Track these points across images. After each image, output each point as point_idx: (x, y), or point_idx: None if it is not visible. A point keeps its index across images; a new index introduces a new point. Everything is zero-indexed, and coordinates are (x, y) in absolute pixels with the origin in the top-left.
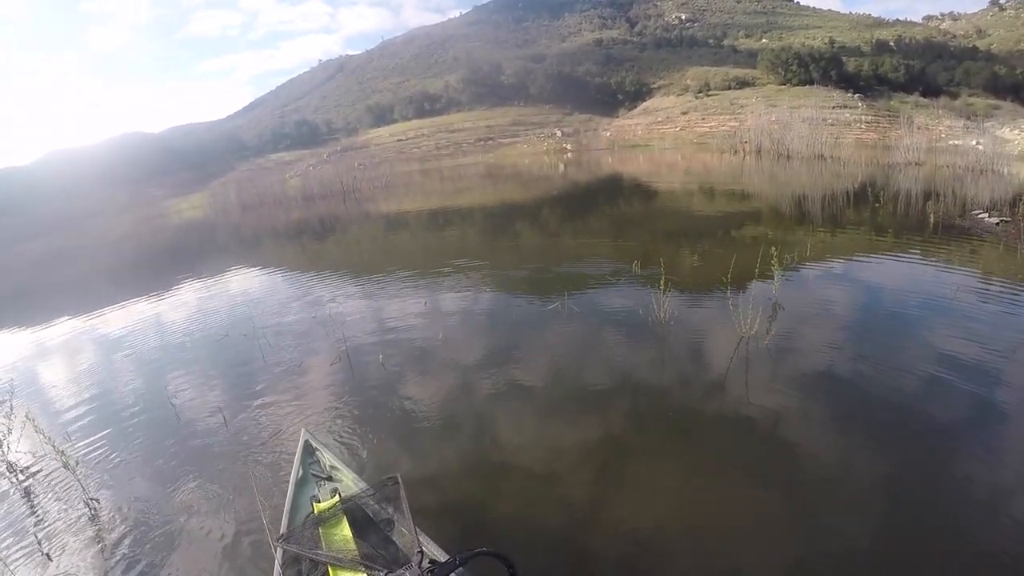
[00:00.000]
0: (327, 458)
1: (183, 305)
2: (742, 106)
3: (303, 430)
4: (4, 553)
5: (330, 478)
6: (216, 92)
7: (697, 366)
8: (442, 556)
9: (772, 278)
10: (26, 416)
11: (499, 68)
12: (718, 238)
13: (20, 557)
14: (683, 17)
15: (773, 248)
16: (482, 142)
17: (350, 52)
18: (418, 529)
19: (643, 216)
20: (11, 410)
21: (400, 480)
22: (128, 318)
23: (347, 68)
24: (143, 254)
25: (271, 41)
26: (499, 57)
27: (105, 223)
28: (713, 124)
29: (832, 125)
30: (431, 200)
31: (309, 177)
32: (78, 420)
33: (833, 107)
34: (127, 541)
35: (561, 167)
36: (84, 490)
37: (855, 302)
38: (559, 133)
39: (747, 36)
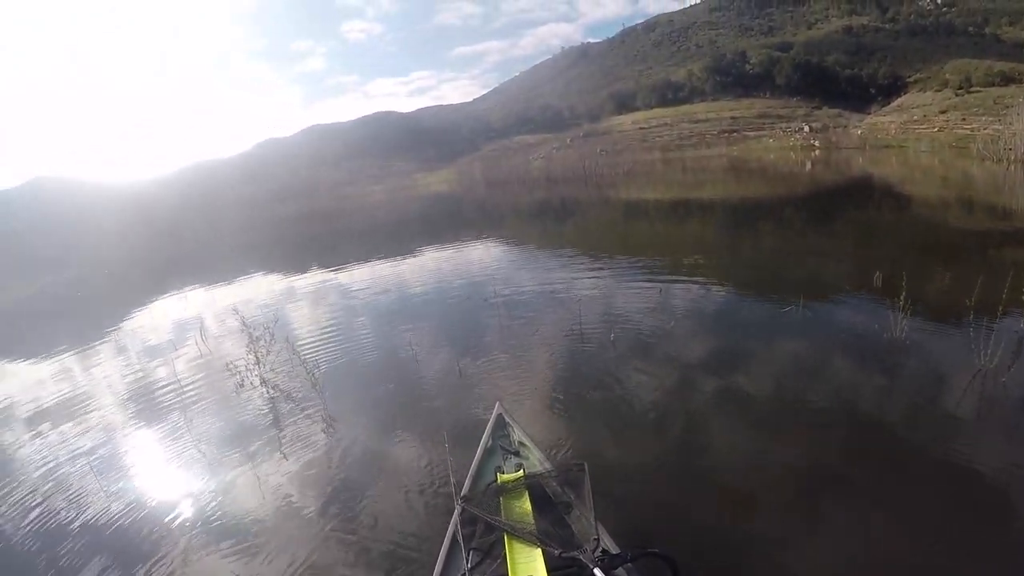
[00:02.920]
0: (517, 434)
1: (429, 266)
2: (1007, 106)
3: (498, 403)
4: (250, 447)
5: (517, 453)
6: (461, 79)
7: (925, 396)
8: (614, 548)
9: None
10: (285, 340)
11: (743, 57)
12: (968, 257)
13: (263, 453)
14: (939, 1)
15: None
16: (726, 134)
17: (590, 40)
18: (597, 519)
19: (891, 226)
20: (272, 336)
21: (587, 468)
22: (377, 273)
23: (589, 55)
24: (394, 219)
25: (513, 30)
26: (743, 45)
27: (358, 190)
28: (975, 126)
29: None
30: (672, 191)
31: (552, 160)
32: (327, 352)
33: None
34: (345, 458)
35: (808, 165)
36: (324, 408)
37: None
38: (807, 128)
39: (1011, 24)
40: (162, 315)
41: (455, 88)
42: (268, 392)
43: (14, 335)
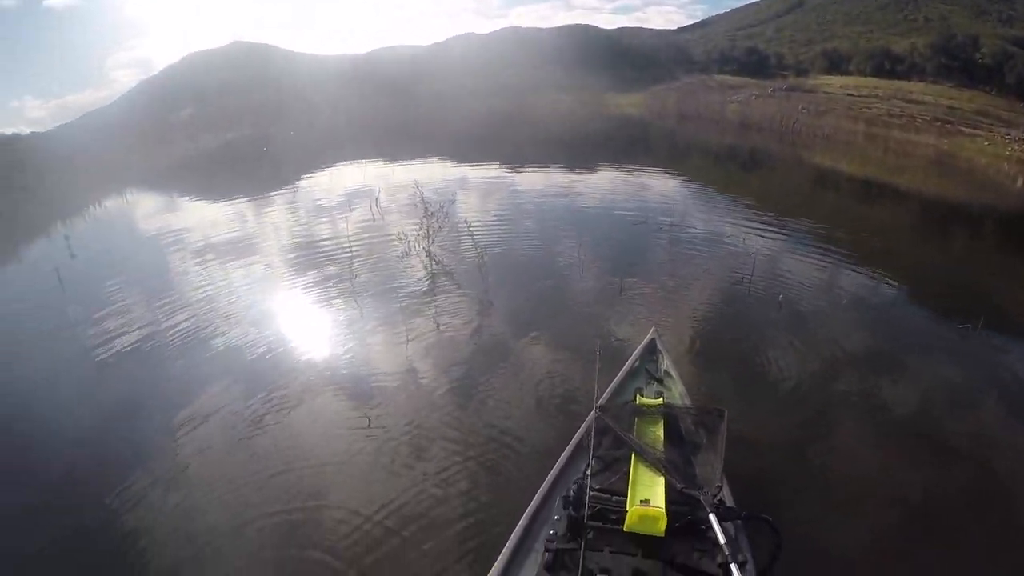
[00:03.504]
0: (665, 363)
1: (605, 184)
2: None
3: (653, 328)
4: (402, 310)
5: (660, 381)
6: (667, 5)
7: None
8: (730, 502)
9: None
10: (457, 222)
11: (975, 43)
12: None
13: (413, 319)
14: None
15: None
16: (939, 123)
17: None
18: (722, 467)
19: None
20: (445, 216)
21: (726, 416)
22: (554, 180)
23: (806, 5)
24: (579, 133)
25: None
26: (977, 29)
27: (547, 99)
28: None
29: None
30: (867, 168)
31: (749, 106)
32: (495, 242)
33: None
34: (491, 341)
35: (1020, 181)
36: (483, 292)
37: None
38: None
39: None
40: (339, 180)
41: (660, 13)
42: (432, 265)
43: (200, 180)
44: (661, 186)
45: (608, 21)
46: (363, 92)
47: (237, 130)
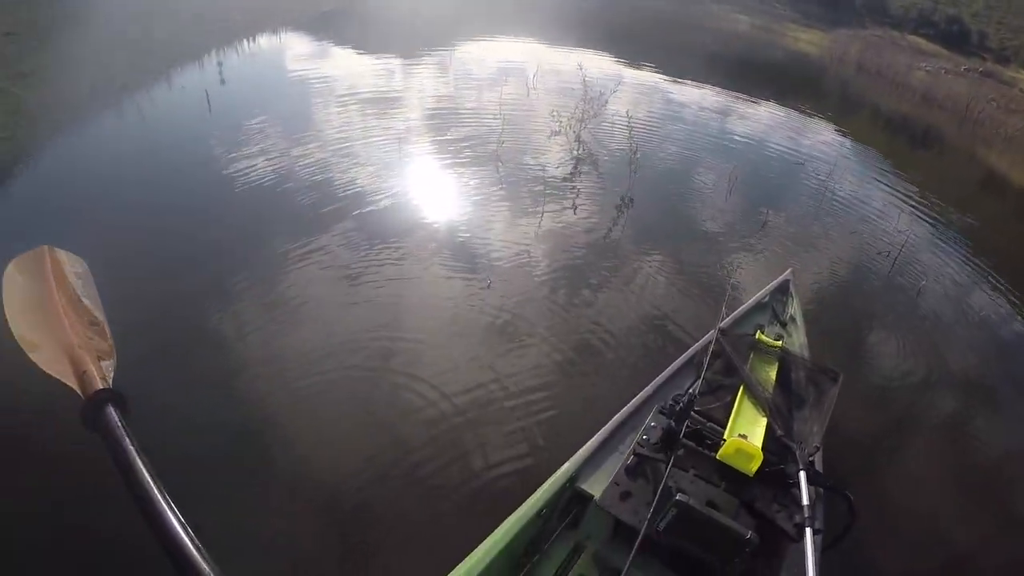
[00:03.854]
0: (794, 308)
1: (765, 117)
2: None
3: (791, 270)
4: (541, 187)
5: (784, 324)
6: None
7: None
8: (819, 467)
9: None
10: (616, 115)
11: None
12: None
13: (549, 197)
14: None
15: None
16: None
17: None
18: (824, 430)
19: None
20: (604, 105)
21: (840, 380)
22: (718, 100)
23: None
24: (749, 59)
25: None
26: None
27: (720, 12)
28: None
29: None
30: None
31: (937, 80)
32: (651, 145)
33: None
34: (624, 238)
35: None
36: (628, 188)
37: None
38: None
39: None
40: (495, 52)
41: None
42: (580, 150)
43: (353, 31)
44: (824, 134)
45: None
46: None
47: None
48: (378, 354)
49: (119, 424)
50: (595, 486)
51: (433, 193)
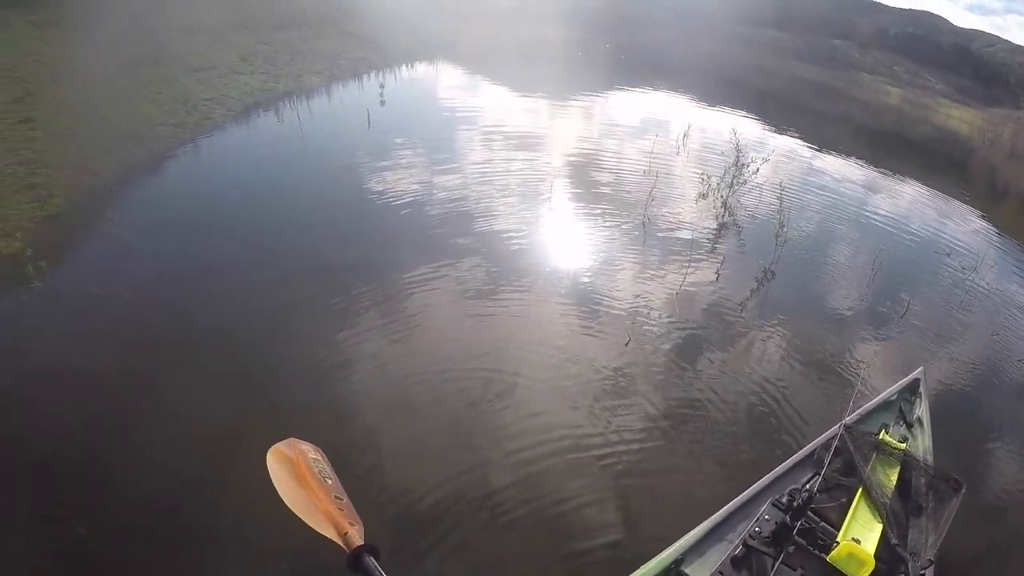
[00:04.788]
0: (921, 409)
1: (914, 198)
2: None
3: (922, 368)
4: (682, 249)
5: (910, 426)
6: None
7: None
8: None
9: None
10: (767, 184)
11: None
12: None
13: (690, 260)
14: None
15: None
16: None
17: None
18: (940, 542)
19: None
20: (756, 172)
21: (962, 492)
22: (860, 174)
23: None
24: (898, 131)
25: None
26: None
27: (869, 82)
28: None
29: None
30: None
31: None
32: (803, 220)
33: None
34: (763, 308)
35: None
36: (771, 260)
37: None
38: None
39: None
40: (645, 103)
41: (1021, 25)
42: (727, 215)
43: (509, 69)
44: (972, 222)
45: (960, 18)
46: (687, 23)
47: (558, 28)
48: (480, 388)
49: (377, 568)
50: (699, 572)
51: (571, 238)
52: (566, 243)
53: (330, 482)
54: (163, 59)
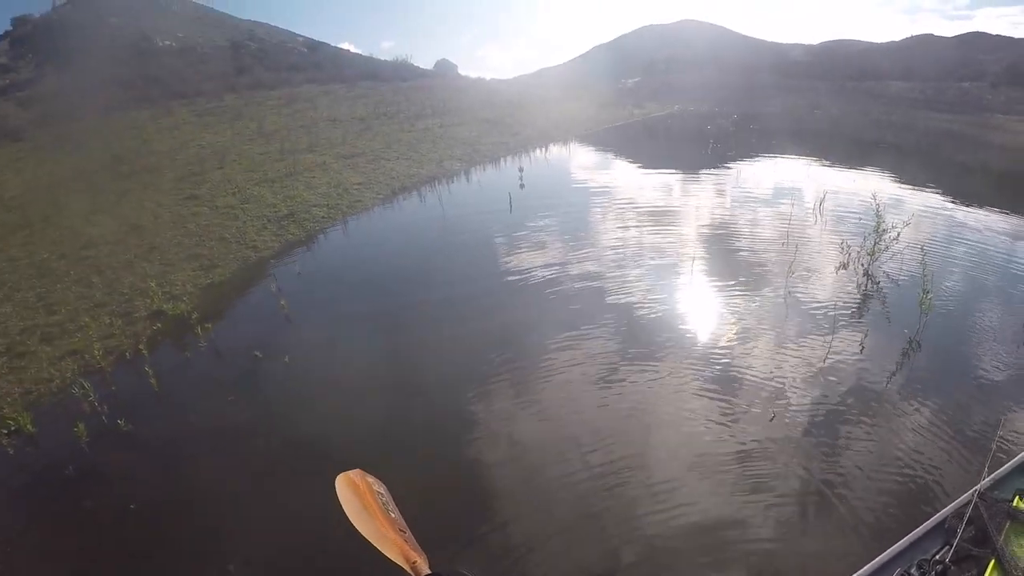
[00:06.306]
0: None
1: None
2: None
3: None
4: (818, 321)
5: None
6: None
7: None
8: None
9: None
10: (907, 248)
11: None
12: None
13: (829, 334)
14: None
15: None
16: None
17: None
18: None
19: None
20: (896, 238)
21: None
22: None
23: None
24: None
25: None
26: None
27: (1011, 124)
28: None
29: None
30: None
31: None
32: (949, 286)
33: None
34: (910, 378)
35: None
36: (913, 328)
37: None
38: None
39: None
40: (778, 171)
41: None
42: (868, 285)
43: (637, 145)
44: None
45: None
46: (815, 85)
47: (671, 104)
48: (606, 462)
49: None
50: None
51: (709, 313)
52: (705, 318)
53: (394, 515)
54: (316, 146)
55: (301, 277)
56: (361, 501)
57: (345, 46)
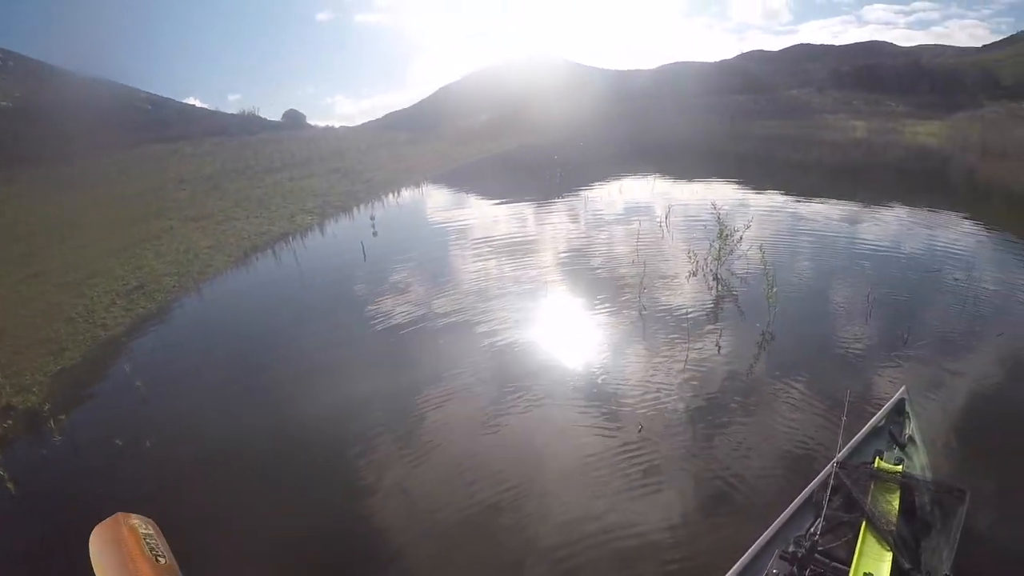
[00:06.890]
0: (911, 428)
1: (897, 222)
2: None
3: (904, 388)
4: (678, 326)
5: (903, 447)
6: (969, 17)
7: None
8: None
9: None
10: (748, 250)
11: None
12: None
13: (687, 336)
14: None
15: None
16: None
17: None
18: (954, 555)
19: None
20: (738, 241)
21: (967, 499)
22: (848, 215)
23: None
24: (874, 165)
25: None
26: None
27: (834, 123)
28: None
29: None
30: None
31: None
32: (787, 277)
33: None
34: (767, 369)
35: None
36: (766, 324)
37: None
38: None
39: None
40: (625, 193)
41: (962, 28)
42: (718, 289)
43: (487, 181)
44: (959, 228)
45: (904, 37)
46: (659, 106)
47: (522, 137)
48: (499, 492)
49: None
50: None
51: (571, 336)
52: (569, 339)
53: (164, 561)
54: (164, 211)
55: (156, 352)
56: (120, 555)
57: (191, 101)
